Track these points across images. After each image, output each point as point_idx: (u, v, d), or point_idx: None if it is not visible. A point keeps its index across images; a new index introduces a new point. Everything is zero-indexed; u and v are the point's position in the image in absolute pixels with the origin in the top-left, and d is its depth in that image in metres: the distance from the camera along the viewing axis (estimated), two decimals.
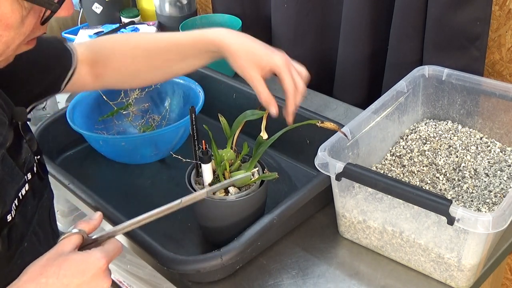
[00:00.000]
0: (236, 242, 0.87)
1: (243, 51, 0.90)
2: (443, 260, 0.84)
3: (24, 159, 0.73)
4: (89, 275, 0.62)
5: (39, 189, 0.77)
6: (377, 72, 1.31)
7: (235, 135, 0.93)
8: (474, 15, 1.08)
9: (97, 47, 0.95)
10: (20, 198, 0.71)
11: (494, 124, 1.07)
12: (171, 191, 1.13)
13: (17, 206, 0.70)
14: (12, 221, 0.69)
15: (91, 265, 0.63)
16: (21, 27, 0.61)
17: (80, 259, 0.63)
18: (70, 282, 0.61)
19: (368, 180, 0.83)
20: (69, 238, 0.66)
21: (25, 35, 0.63)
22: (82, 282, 0.62)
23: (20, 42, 0.63)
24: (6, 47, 0.62)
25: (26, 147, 0.74)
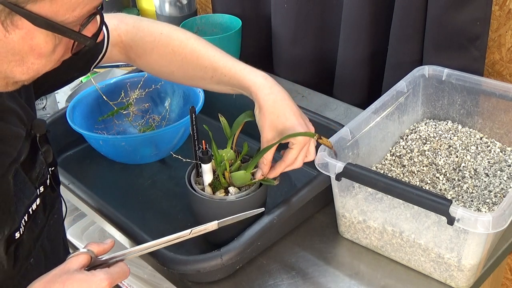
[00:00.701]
0: (236, 242, 0.87)
1: (272, 114, 0.85)
2: (443, 260, 0.84)
3: (38, 173, 0.72)
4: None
5: (50, 201, 0.76)
6: (377, 72, 1.31)
7: (235, 135, 0.93)
8: (474, 15, 1.08)
9: (137, 37, 0.92)
10: (30, 213, 0.70)
11: (494, 124, 1.07)
12: (171, 191, 1.13)
13: (26, 222, 0.69)
14: (20, 238, 0.68)
15: (93, 285, 0.63)
16: (52, 55, 0.61)
17: (83, 278, 0.63)
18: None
19: (368, 180, 0.83)
20: (77, 257, 0.66)
21: (55, 62, 0.63)
22: None
23: (49, 69, 0.63)
24: (36, 74, 0.62)
25: (41, 159, 0.73)
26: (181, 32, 0.94)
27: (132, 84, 1.27)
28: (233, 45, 1.45)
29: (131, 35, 0.93)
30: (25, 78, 0.62)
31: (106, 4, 1.70)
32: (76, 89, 1.46)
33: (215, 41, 1.41)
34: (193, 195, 0.91)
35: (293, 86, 1.45)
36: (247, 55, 1.56)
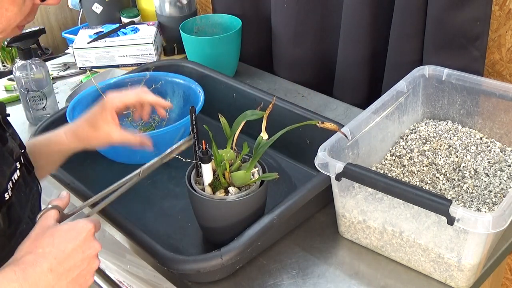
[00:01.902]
0: (236, 242, 0.87)
1: (86, 133, 0.94)
2: (443, 260, 0.84)
3: (12, 148, 0.76)
4: (81, 239, 0.68)
5: (28, 181, 0.80)
6: (377, 72, 1.31)
7: (235, 135, 0.93)
8: (474, 15, 1.08)
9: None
10: (14, 181, 0.74)
11: (494, 124, 1.07)
12: (171, 191, 1.13)
13: (12, 188, 0.73)
14: (10, 200, 0.72)
15: (81, 229, 0.68)
16: (23, 6, 0.68)
17: (69, 227, 0.68)
18: (65, 247, 0.66)
19: (368, 180, 0.83)
20: (48, 213, 0.71)
21: (23, 15, 0.69)
22: (76, 246, 0.67)
23: (18, 22, 0.69)
24: (8, 25, 0.68)
25: (10, 139, 0.77)
26: None
27: (132, 84, 1.27)
28: (233, 45, 1.45)
29: None
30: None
31: (106, 4, 1.70)
32: (76, 89, 1.46)
33: (215, 41, 1.42)
34: (193, 195, 0.91)
35: (293, 86, 1.45)
36: (247, 55, 1.56)
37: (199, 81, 1.26)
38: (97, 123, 0.93)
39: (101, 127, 0.93)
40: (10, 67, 2.23)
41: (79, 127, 0.94)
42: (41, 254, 0.65)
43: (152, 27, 1.61)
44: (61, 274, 0.66)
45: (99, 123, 0.93)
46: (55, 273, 0.65)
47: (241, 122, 0.92)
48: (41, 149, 0.94)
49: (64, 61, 1.67)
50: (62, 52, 1.90)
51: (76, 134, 0.94)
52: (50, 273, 0.64)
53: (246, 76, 1.50)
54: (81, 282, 0.68)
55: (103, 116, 0.92)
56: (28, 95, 1.31)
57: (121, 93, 0.94)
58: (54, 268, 0.65)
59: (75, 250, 0.67)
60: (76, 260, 0.67)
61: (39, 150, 0.93)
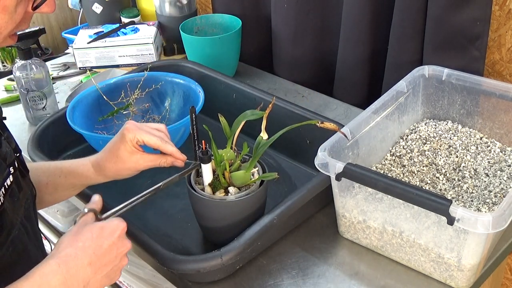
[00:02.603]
0: (236, 242, 0.87)
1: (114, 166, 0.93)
2: (443, 260, 0.84)
3: (5, 153, 0.76)
4: (116, 236, 0.72)
5: (22, 185, 0.80)
6: (377, 72, 1.31)
7: (235, 135, 0.93)
8: (474, 15, 1.08)
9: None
10: (6, 187, 0.74)
11: (494, 124, 1.07)
12: (171, 191, 1.13)
13: (4, 194, 0.73)
14: (1, 207, 0.72)
15: (115, 227, 0.73)
16: (14, 14, 0.67)
17: (105, 225, 0.73)
18: (102, 242, 0.70)
19: (368, 180, 0.83)
20: (86, 215, 0.75)
21: (15, 23, 0.68)
22: (112, 243, 0.71)
23: (10, 31, 0.69)
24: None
25: (5, 143, 0.77)
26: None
27: (132, 84, 1.27)
28: (233, 45, 1.45)
29: None
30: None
31: (106, 4, 1.70)
32: (76, 89, 1.46)
33: (215, 41, 1.42)
34: (193, 195, 0.91)
35: (293, 86, 1.45)
36: (247, 55, 1.56)
37: (199, 81, 1.26)
38: (123, 155, 0.92)
39: (128, 159, 0.92)
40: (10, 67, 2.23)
41: (106, 162, 0.93)
42: (81, 248, 0.69)
43: (152, 27, 1.61)
44: (98, 268, 0.70)
45: (124, 155, 0.91)
46: (94, 266, 0.69)
47: (241, 122, 0.93)
48: (61, 181, 0.94)
49: (64, 61, 1.67)
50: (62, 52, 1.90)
51: (103, 169, 0.93)
52: (89, 266, 0.69)
53: (246, 76, 1.50)
54: (112, 277, 0.73)
55: (127, 148, 0.91)
56: (28, 95, 1.31)
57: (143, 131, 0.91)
58: (93, 262, 0.69)
59: (111, 246, 0.71)
60: (111, 256, 0.71)
61: (56, 181, 0.93)
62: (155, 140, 0.90)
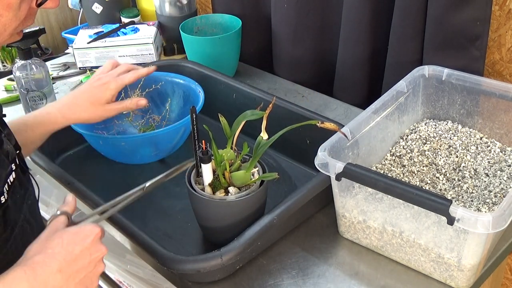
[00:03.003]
0: (236, 242, 0.87)
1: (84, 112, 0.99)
2: (443, 260, 0.84)
3: (7, 150, 0.76)
4: (88, 241, 0.69)
5: (23, 182, 0.80)
6: (377, 72, 1.31)
7: (235, 135, 0.93)
8: (474, 15, 1.08)
9: None
10: (9, 183, 0.74)
11: (494, 124, 1.07)
12: (171, 191, 1.13)
13: (8, 190, 0.73)
14: (5, 203, 0.72)
15: (88, 232, 0.70)
16: (18, 11, 0.67)
17: (77, 230, 0.70)
18: (73, 249, 0.68)
19: (368, 180, 0.83)
20: (57, 219, 0.73)
21: (20, 20, 0.68)
22: (84, 248, 0.69)
23: (14, 27, 0.69)
24: (3, 30, 0.67)
25: (6, 140, 0.77)
26: None
27: (132, 84, 1.26)
28: (233, 45, 1.45)
29: None
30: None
31: (106, 4, 1.70)
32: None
33: (215, 41, 1.42)
34: (193, 195, 0.91)
35: (293, 86, 1.45)
36: (247, 55, 1.56)
37: (199, 81, 1.26)
38: (98, 100, 0.96)
39: (101, 105, 0.97)
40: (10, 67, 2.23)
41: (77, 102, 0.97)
42: (50, 254, 0.66)
43: (152, 27, 1.61)
44: (69, 275, 0.67)
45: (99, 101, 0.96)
46: (64, 274, 0.66)
47: (241, 122, 0.93)
48: (33, 129, 0.96)
49: (64, 61, 1.67)
50: (62, 52, 1.90)
51: (73, 111, 0.97)
52: (59, 273, 0.66)
53: (246, 76, 1.50)
54: (87, 284, 0.70)
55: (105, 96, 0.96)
56: (28, 95, 1.31)
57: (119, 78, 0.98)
58: (63, 269, 0.66)
59: (83, 252, 0.68)
60: (84, 262, 0.68)
61: (29, 129, 0.96)
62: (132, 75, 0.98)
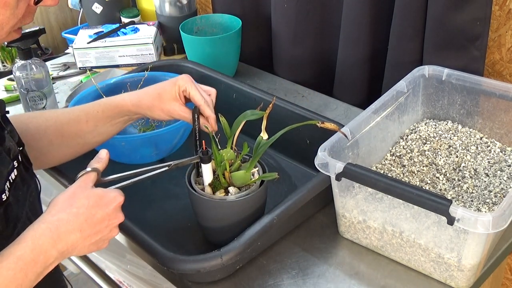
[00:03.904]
0: (236, 242, 0.87)
1: (151, 101, 0.97)
2: (443, 260, 0.84)
3: (9, 147, 0.77)
4: (111, 208, 0.74)
5: (26, 178, 0.81)
6: (377, 72, 1.31)
7: (235, 135, 0.93)
8: (474, 15, 1.08)
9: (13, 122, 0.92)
10: (11, 181, 0.75)
11: (494, 124, 1.07)
12: (171, 191, 1.13)
13: (9, 188, 0.74)
14: (7, 201, 0.73)
15: (112, 199, 0.75)
16: (16, 9, 0.67)
17: (103, 194, 0.74)
18: (96, 212, 0.73)
19: (368, 180, 0.83)
20: (88, 175, 0.78)
21: (17, 18, 0.69)
22: (105, 214, 0.74)
23: (12, 25, 0.69)
24: (1, 28, 0.67)
25: (8, 137, 0.78)
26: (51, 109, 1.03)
27: (132, 84, 1.27)
28: (233, 45, 1.45)
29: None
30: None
31: (106, 4, 1.70)
32: (76, 89, 1.46)
33: (215, 41, 1.42)
34: (193, 195, 0.91)
35: (293, 86, 1.45)
36: (247, 55, 1.56)
37: (199, 81, 1.25)
38: (165, 96, 0.96)
39: (167, 101, 0.97)
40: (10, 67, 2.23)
41: (145, 95, 0.97)
42: (75, 214, 0.71)
43: (152, 27, 1.61)
44: (88, 235, 0.72)
45: (166, 97, 0.96)
46: (83, 233, 0.72)
47: (241, 122, 0.93)
48: (99, 116, 0.98)
49: (64, 61, 1.67)
50: (62, 52, 1.90)
51: (140, 101, 0.97)
52: (79, 232, 0.71)
53: (246, 76, 1.50)
54: (100, 245, 0.75)
55: (172, 92, 0.96)
56: (28, 95, 1.31)
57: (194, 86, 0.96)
58: (83, 229, 0.71)
59: (104, 217, 0.73)
60: (102, 226, 0.73)
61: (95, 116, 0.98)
62: (200, 98, 0.94)
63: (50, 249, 0.69)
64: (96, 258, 1.30)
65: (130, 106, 0.98)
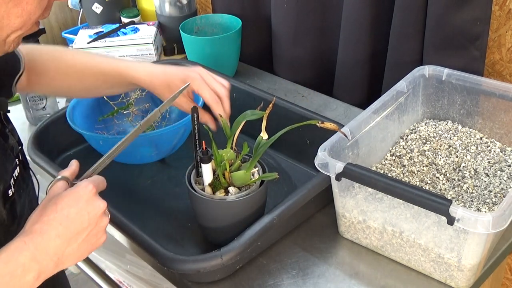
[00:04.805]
0: (236, 242, 0.87)
1: (160, 84, 1.01)
2: (443, 260, 0.84)
3: (12, 145, 0.77)
4: (83, 201, 0.69)
5: (25, 177, 0.81)
6: (377, 72, 1.31)
7: (235, 135, 0.93)
8: (474, 15, 1.08)
9: (35, 55, 0.97)
10: (15, 178, 0.75)
11: (494, 124, 1.07)
12: (171, 191, 1.13)
13: (14, 184, 0.74)
14: (12, 196, 0.73)
15: (81, 192, 0.69)
16: (42, 0, 0.67)
17: (70, 192, 0.69)
18: (68, 212, 0.67)
19: (368, 180, 0.83)
20: (56, 184, 0.73)
21: (42, 10, 0.68)
22: (79, 209, 0.68)
23: (38, 16, 0.68)
24: (28, 18, 0.67)
25: (10, 135, 0.78)
26: (69, 49, 1.06)
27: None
28: (233, 45, 1.45)
29: (31, 53, 0.97)
30: (18, 23, 0.66)
31: (106, 4, 1.70)
32: None
33: (215, 41, 1.42)
34: (193, 195, 0.91)
35: (293, 86, 1.45)
36: (247, 55, 1.56)
37: None
38: (173, 87, 0.99)
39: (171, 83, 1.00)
40: None
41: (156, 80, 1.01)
42: (46, 221, 0.67)
43: (152, 27, 1.61)
44: (69, 238, 0.67)
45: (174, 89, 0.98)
46: (63, 238, 0.67)
47: (241, 122, 0.93)
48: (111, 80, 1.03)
49: None
50: None
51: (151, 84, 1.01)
52: (58, 238, 0.66)
53: (246, 76, 1.50)
54: (93, 242, 0.70)
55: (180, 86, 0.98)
56: (28, 95, 1.31)
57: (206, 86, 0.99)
58: (61, 234, 0.67)
59: (78, 213, 0.68)
60: (83, 223, 0.68)
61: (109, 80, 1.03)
62: (211, 98, 0.98)
63: (29, 262, 0.64)
64: (96, 258, 1.30)
65: (141, 83, 1.02)
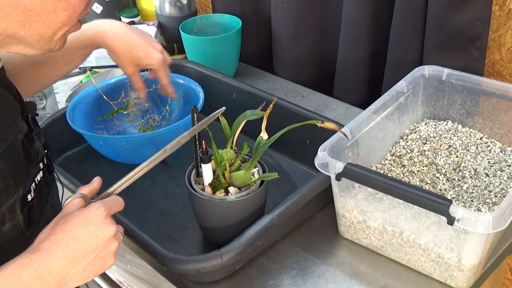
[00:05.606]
0: (236, 242, 0.87)
1: (124, 52, 1.04)
2: (443, 260, 0.84)
3: (37, 149, 0.77)
4: (92, 224, 0.67)
5: (49, 181, 0.81)
6: (377, 72, 1.31)
7: (235, 135, 0.93)
8: (474, 15, 1.08)
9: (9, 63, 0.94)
10: (36, 182, 0.75)
11: (494, 124, 1.07)
12: (171, 191, 1.13)
13: (35, 189, 0.74)
14: (31, 201, 0.73)
15: (91, 214, 0.68)
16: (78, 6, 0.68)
17: (81, 213, 0.68)
18: (76, 233, 0.66)
19: (368, 180, 0.83)
20: (72, 202, 0.72)
21: (85, 3, 0.70)
22: (87, 232, 0.67)
23: (82, 10, 0.70)
24: (73, 12, 0.68)
25: (36, 139, 0.78)
26: None
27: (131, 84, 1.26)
28: (233, 45, 1.45)
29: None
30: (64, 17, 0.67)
31: (106, 4, 1.70)
32: (76, 89, 1.46)
33: (215, 41, 1.42)
34: (193, 195, 0.91)
35: (293, 86, 1.45)
36: (247, 55, 1.56)
37: (199, 81, 1.26)
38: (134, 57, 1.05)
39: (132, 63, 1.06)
40: None
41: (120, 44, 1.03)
42: (53, 240, 0.66)
43: (152, 27, 1.61)
44: (75, 260, 0.66)
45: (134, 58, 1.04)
46: (69, 259, 0.66)
47: (241, 122, 0.92)
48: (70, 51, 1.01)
49: None
50: None
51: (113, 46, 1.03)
52: (63, 259, 0.65)
53: (246, 76, 1.50)
54: (99, 265, 0.69)
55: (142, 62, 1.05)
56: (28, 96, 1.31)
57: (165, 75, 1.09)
58: (67, 255, 0.66)
59: (86, 235, 0.67)
60: (90, 245, 0.67)
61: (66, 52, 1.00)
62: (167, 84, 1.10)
63: (31, 279, 0.63)
64: None
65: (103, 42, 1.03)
